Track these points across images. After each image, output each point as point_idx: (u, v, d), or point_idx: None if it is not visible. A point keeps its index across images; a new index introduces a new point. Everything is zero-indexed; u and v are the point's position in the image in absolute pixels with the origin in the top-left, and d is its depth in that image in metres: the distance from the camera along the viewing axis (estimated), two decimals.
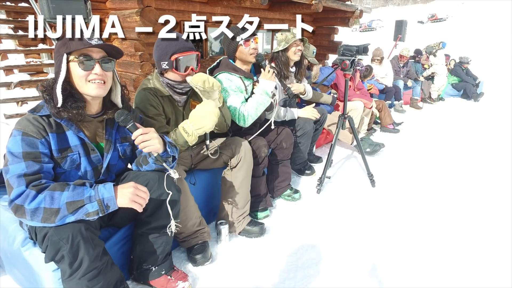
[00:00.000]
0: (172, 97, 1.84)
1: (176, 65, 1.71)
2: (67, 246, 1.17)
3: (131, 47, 4.46)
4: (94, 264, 1.25)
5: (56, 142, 1.27)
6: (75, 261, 1.20)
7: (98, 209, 1.18)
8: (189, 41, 1.78)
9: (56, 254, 1.19)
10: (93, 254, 1.23)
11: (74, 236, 1.17)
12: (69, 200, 1.15)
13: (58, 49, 1.26)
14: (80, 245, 1.19)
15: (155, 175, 1.47)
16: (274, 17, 7.60)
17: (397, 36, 8.34)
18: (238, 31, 2.15)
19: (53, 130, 1.26)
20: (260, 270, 1.85)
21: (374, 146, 3.70)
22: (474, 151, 4.04)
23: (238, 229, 2.12)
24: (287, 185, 2.64)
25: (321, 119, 3.13)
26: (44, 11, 2.75)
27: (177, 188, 1.55)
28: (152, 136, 1.34)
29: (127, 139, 1.51)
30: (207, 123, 1.67)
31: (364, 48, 2.58)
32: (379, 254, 2.02)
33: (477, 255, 2.05)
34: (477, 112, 6.47)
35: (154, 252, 1.57)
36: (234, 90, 2.21)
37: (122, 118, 1.30)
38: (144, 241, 1.55)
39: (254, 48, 2.20)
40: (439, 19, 42.23)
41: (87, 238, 1.20)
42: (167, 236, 1.57)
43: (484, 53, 17.69)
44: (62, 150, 1.29)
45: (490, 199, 2.79)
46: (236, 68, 2.26)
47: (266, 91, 2.17)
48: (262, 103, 2.17)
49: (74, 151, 1.32)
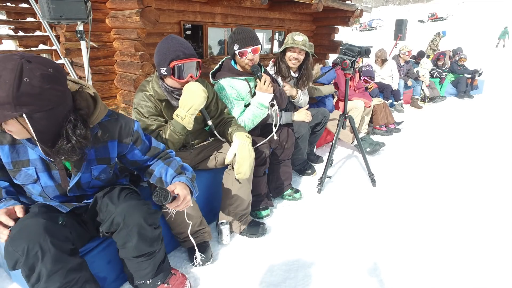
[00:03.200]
0: (170, 102, 1.85)
1: (174, 72, 1.70)
2: (22, 258, 1.10)
3: (131, 47, 4.46)
4: (55, 279, 1.14)
5: (9, 154, 1.18)
6: (31, 275, 1.13)
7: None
8: (190, 47, 1.76)
9: (15, 264, 1.13)
10: (52, 270, 1.13)
11: (30, 248, 1.09)
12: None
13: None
14: (37, 257, 1.10)
15: (122, 214, 1.33)
16: (274, 17, 7.59)
17: (398, 35, 8.33)
18: (242, 38, 2.12)
19: (6, 142, 1.17)
20: (261, 270, 1.85)
21: (374, 146, 3.70)
22: (475, 150, 4.04)
23: (239, 229, 2.12)
24: (288, 184, 2.64)
25: (322, 120, 3.12)
26: (45, 11, 2.75)
27: (150, 221, 1.40)
28: (188, 200, 1.32)
29: (106, 161, 1.35)
30: (195, 100, 1.70)
31: (366, 50, 2.58)
32: (380, 254, 2.02)
33: (477, 255, 2.05)
34: (477, 110, 6.46)
35: (142, 273, 1.49)
36: (235, 99, 2.21)
37: (158, 198, 1.19)
38: (129, 264, 1.48)
39: (250, 59, 2.17)
40: (440, 18, 42.20)
41: (45, 251, 1.11)
42: (155, 259, 1.49)
43: (484, 52, 17.67)
44: (16, 163, 1.20)
45: (491, 198, 2.79)
46: (239, 72, 2.25)
47: (262, 103, 2.15)
48: (257, 115, 2.18)
49: (31, 165, 1.21)
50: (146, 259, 1.46)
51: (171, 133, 1.74)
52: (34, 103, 0.98)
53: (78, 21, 2.99)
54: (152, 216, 1.41)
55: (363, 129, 4.34)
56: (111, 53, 4.80)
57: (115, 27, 4.64)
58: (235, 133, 1.93)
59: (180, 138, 1.76)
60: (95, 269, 1.47)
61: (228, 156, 1.90)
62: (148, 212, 1.39)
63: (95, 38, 4.48)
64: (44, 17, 2.81)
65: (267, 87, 2.14)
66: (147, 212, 1.39)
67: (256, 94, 2.17)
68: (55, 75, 1.03)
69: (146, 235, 1.40)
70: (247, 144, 1.88)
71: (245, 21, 7.00)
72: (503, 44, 23.07)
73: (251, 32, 2.17)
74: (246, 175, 1.87)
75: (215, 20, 6.36)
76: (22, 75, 0.96)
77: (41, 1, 2.73)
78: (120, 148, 1.40)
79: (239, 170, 1.86)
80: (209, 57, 6.52)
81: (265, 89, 2.14)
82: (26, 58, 0.99)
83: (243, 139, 1.89)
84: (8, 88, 0.94)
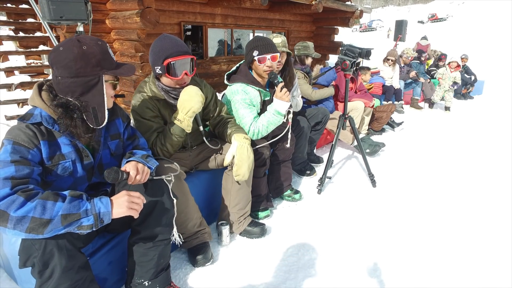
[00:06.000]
0: (168, 101, 1.85)
1: (168, 69, 1.70)
2: (39, 252, 1.11)
3: (132, 48, 4.46)
4: (67, 276, 1.17)
5: (48, 150, 1.23)
6: (45, 270, 1.13)
7: (93, 223, 1.12)
8: (184, 45, 1.75)
9: (28, 259, 1.14)
10: (67, 266, 1.15)
11: (47, 243, 1.11)
12: (65, 213, 1.07)
13: (87, 68, 1.22)
14: (53, 253, 1.12)
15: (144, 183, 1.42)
16: (274, 18, 7.60)
17: (397, 36, 8.34)
18: (262, 45, 2.12)
19: (44, 138, 1.22)
20: (261, 271, 1.85)
21: (374, 147, 3.70)
22: (475, 151, 4.04)
23: (239, 229, 2.12)
24: (288, 185, 2.64)
25: (323, 119, 3.12)
26: (45, 12, 2.75)
27: (168, 195, 1.50)
28: (144, 171, 1.37)
29: (116, 136, 1.49)
30: (193, 104, 1.71)
31: (367, 52, 2.57)
32: (380, 254, 2.02)
33: (477, 255, 2.05)
34: (477, 111, 6.47)
35: (146, 265, 1.49)
36: (248, 104, 2.19)
37: (112, 176, 1.24)
38: (135, 251, 1.49)
39: (269, 66, 2.16)
40: (439, 19, 42.25)
41: (61, 247, 1.14)
42: (162, 249, 1.51)
43: (484, 53, 17.68)
44: (54, 157, 1.25)
45: (491, 199, 2.79)
46: (255, 81, 2.24)
47: (279, 111, 2.10)
48: (273, 122, 2.13)
49: (67, 158, 1.28)
50: (153, 246, 1.48)
51: (170, 136, 1.73)
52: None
53: (78, 22, 2.99)
54: (169, 192, 1.51)
55: (363, 130, 4.34)
56: None
57: (115, 28, 4.65)
58: (234, 134, 1.93)
59: (179, 140, 1.76)
60: (97, 270, 1.48)
61: (227, 158, 1.90)
62: (167, 186, 1.50)
63: None
64: (45, 18, 2.82)
65: (284, 95, 2.08)
66: (167, 186, 1.50)
67: (274, 101, 2.12)
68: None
69: (168, 209, 1.48)
70: (246, 145, 1.88)
71: (245, 21, 7.01)
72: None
73: (270, 40, 2.20)
74: (244, 177, 1.87)
75: (215, 21, 6.36)
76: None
77: (41, 2, 2.73)
78: (121, 126, 1.52)
79: (238, 171, 1.86)
80: (209, 58, 6.52)
81: (281, 97, 2.09)
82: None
83: (241, 140, 1.89)
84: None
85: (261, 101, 2.27)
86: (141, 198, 1.26)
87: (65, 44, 1.22)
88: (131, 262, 1.51)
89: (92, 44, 1.24)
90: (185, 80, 1.77)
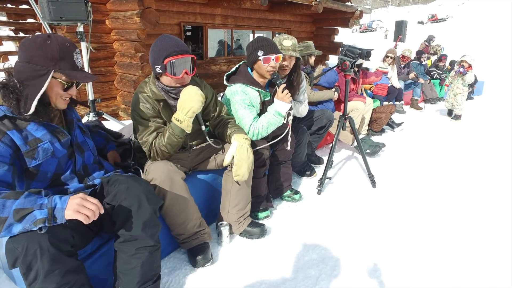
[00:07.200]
0: (168, 101, 1.84)
1: (169, 68, 1.70)
2: (21, 255, 1.11)
3: (132, 49, 4.46)
4: (52, 280, 1.14)
5: (20, 136, 1.27)
6: (29, 272, 1.13)
7: (46, 217, 1.10)
8: (184, 44, 1.76)
9: (15, 261, 1.14)
10: (50, 269, 1.13)
11: (29, 246, 1.10)
12: (18, 207, 1.08)
13: (40, 58, 1.27)
14: (35, 256, 1.11)
15: (127, 183, 1.40)
16: (274, 18, 7.60)
17: (397, 36, 8.35)
18: (267, 45, 2.12)
19: (11, 128, 1.26)
20: (261, 271, 1.85)
21: (374, 147, 3.70)
22: (475, 152, 4.04)
23: (238, 230, 2.12)
24: (288, 185, 2.64)
25: (326, 125, 3.11)
26: (45, 13, 2.75)
27: (150, 201, 1.42)
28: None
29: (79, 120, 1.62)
30: (193, 104, 1.70)
31: (367, 52, 2.57)
32: (380, 255, 2.02)
33: (477, 255, 2.05)
34: (477, 112, 6.46)
35: (129, 273, 1.40)
36: (247, 104, 2.18)
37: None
38: (119, 257, 1.42)
39: (273, 66, 2.16)
40: (439, 19, 42.25)
41: (44, 251, 1.12)
42: (146, 257, 1.41)
43: (484, 53, 17.69)
44: (30, 141, 1.28)
45: (491, 199, 2.79)
46: (254, 82, 2.24)
47: (279, 112, 2.10)
48: (273, 123, 2.13)
49: (44, 139, 1.33)
50: (136, 253, 1.39)
51: (170, 136, 1.73)
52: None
53: (78, 22, 3.00)
54: (153, 195, 1.47)
55: (363, 130, 4.34)
56: (111, 54, 4.80)
57: (115, 28, 4.65)
58: (234, 135, 1.93)
59: (179, 141, 1.76)
60: (95, 271, 1.47)
61: (226, 158, 1.90)
62: (149, 189, 1.47)
63: (95, 39, 4.48)
64: (45, 18, 2.82)
65: (286, 96, 2.09)
66: (149, 190, 1.46)
67: (274, 102, 2.12)
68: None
69: (145, 213, 1.39)
70: (245, 145, 1.88)
71: (245, 22, 7.01)
72: None
73: (273, 41, 2.21)
74: (244, 177, 1.87)
75: (215, 21, 6.36)
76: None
77: (41, 2, 2.73)
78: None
79: (237, 172, 1.86)
80: (209, 58, 6.52)
81: (282, 98, 2.08)
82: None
83: (241, 140, 1.88)
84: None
85: (260, 101, 2.27)
86: (97, 205, 1.18)
87: (37, 35, 1.32)
88: (115, 269, 1.45)
89: (58, 42, 1.29)
90: (185, 79, 1.77)
